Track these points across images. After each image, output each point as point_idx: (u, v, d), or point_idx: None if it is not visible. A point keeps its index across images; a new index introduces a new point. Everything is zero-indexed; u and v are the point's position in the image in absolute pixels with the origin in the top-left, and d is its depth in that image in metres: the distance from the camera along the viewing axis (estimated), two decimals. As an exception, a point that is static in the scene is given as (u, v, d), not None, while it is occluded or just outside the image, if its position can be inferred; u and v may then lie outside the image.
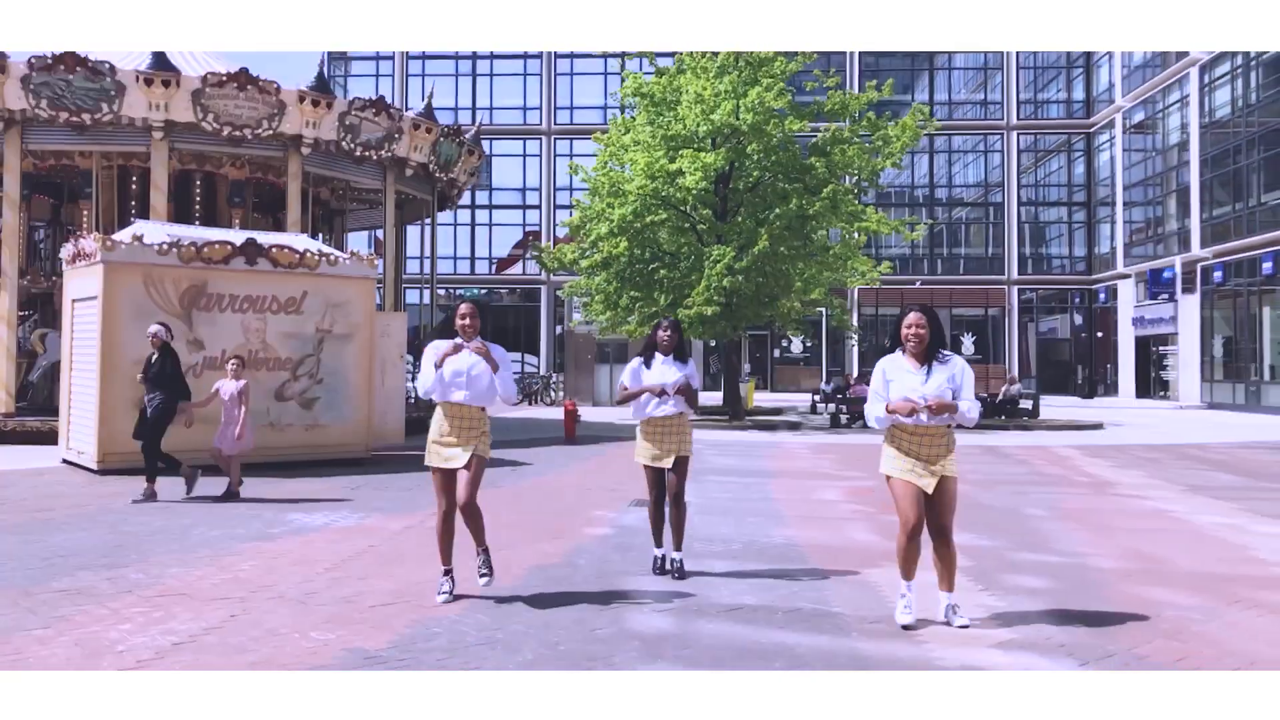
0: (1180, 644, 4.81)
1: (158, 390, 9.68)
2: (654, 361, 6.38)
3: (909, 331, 5.16)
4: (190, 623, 5.03)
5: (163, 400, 9.69)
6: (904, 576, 5.18)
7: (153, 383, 9.67)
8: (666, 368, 6.33)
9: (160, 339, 9.79)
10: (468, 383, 5.56)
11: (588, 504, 9.44)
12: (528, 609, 5.39)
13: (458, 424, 5.58)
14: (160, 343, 9.78)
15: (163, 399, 9.69)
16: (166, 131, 14.93)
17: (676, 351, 6.38)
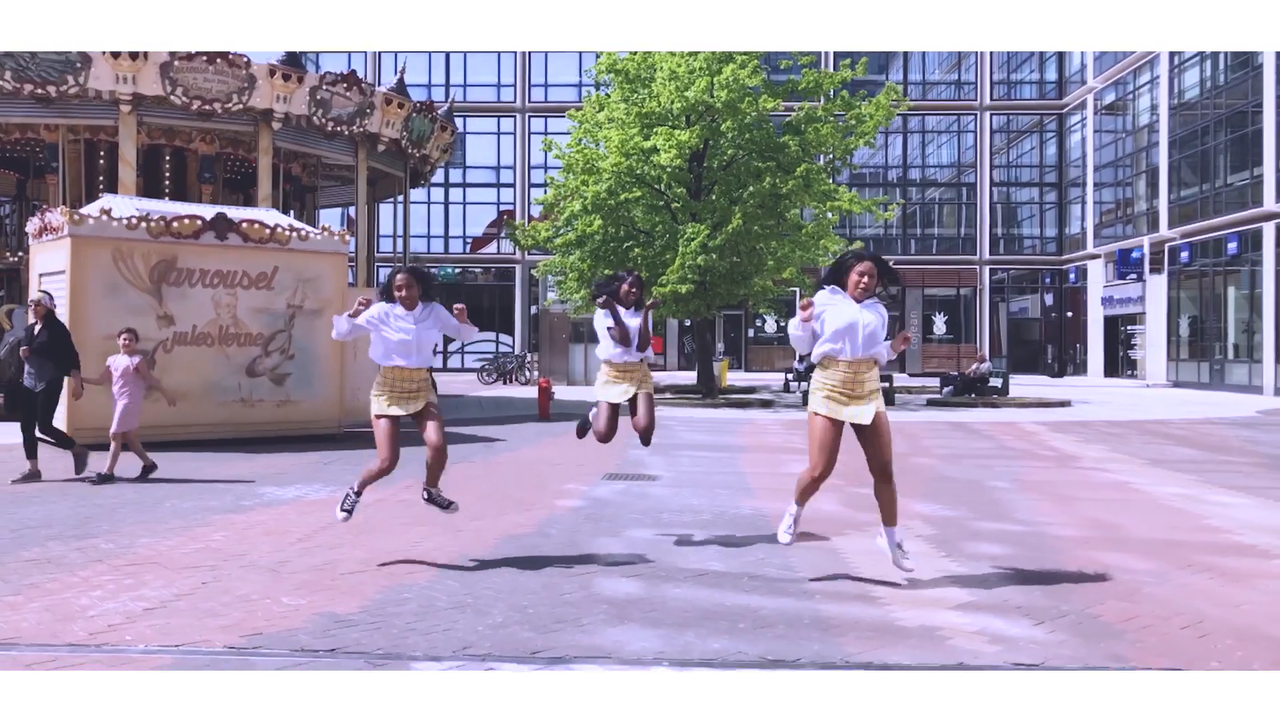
0: (1131, 604, 4.96)
1: (46, 361, 9.03)
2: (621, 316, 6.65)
3: (860, 279, 5.23)
4: (162, 589, 5.07)
5: (54, 372, 9.07)
6: (797, 501, 5.48)
7: (37, 354, 9.03)
8: (632, 320, 6.67)
9: (45, 306, 9.23)
10: (414, 347, 5.82)
11: (560, 477, 9.53)
12: (498, 575, 5.47)
13: (401, 385, 5.87)
14: (44, 311, 9.18)
15: (53, 371, 9.06)
16: (134, 105, 14.75)
17: (637, 304, 6.77)
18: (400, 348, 5.80)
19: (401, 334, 5.79)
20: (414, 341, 5.81)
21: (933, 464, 11.00)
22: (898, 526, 5.38)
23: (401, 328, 5.80)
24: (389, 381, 5.88)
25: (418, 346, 5.83)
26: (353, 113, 16.69)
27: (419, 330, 5.83)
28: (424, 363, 5.90)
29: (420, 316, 5.88)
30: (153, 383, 9.62)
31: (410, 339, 5.80)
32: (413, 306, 5.87)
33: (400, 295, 5.84)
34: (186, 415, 11.79)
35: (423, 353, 5.88)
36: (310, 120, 16.10)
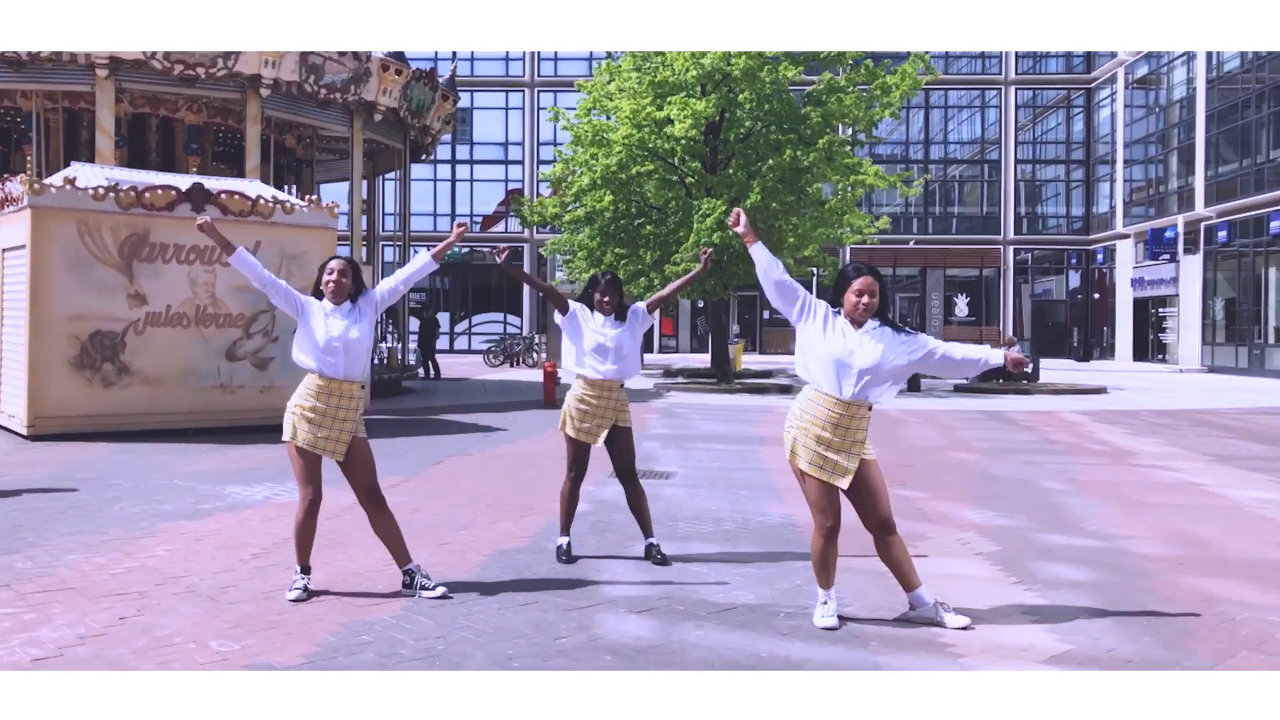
0: (1266, 655, 3.97)
1: None
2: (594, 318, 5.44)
3: (860, 300, 4.22)
4: (65, 629, 4.12)
5: None
6: (821, 585, 4.33)
7: None
8: (607, 329, 5.39)
9: None
10: (344, 351, 4.63)
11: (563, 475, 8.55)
12: (481, 608, 4.51)
13: (333, 402, 4.64)
14: None
15: None
16: (111, 69, 13.79)
17: (618, 313, 5.48)
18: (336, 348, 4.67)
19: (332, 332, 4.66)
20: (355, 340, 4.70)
21: (975, 460, 9.99)
22: (923, 586, 4.35)
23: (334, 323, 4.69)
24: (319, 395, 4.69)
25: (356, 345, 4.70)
26: (347, 80, 15.69)
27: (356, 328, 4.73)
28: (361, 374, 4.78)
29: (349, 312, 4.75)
30: None
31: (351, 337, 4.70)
32: (343, 301, 4.76)
33: (329, 281, 4.76)
34: (160, 402, 10.89)
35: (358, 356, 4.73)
36: (301, 87, 15.12)
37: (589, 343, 5.37)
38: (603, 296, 5.41)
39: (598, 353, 5.36)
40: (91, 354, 10.55)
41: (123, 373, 10.72)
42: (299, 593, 4.63)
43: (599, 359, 5.37)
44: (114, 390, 10.67)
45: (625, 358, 5.42)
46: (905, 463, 9.60)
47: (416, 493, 7.67)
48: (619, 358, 5.38)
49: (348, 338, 4.65)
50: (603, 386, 5.38)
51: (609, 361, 5.36)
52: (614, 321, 5.43)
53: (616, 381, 5.41)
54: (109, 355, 10.64)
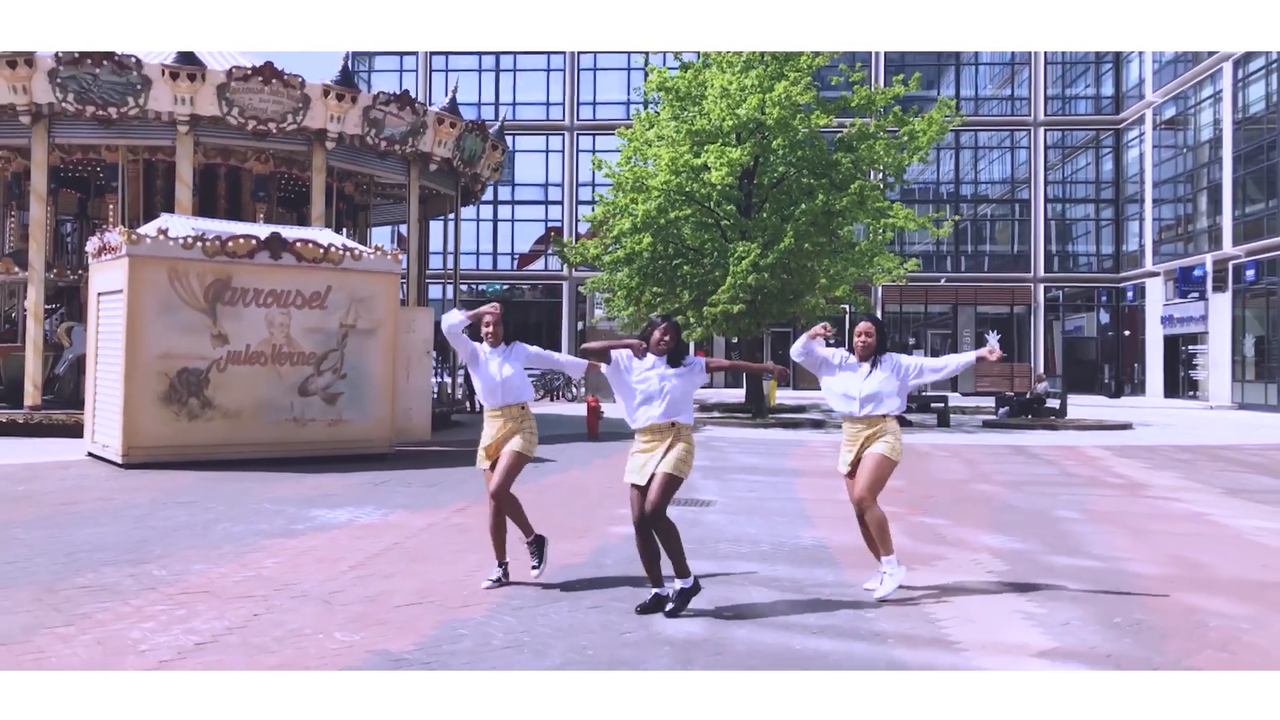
0: (1229, 655, 4.65)
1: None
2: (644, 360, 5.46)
3: (859, 340, 5.78)
4: (213, 621, 4.96)
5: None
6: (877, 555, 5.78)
7: None
8: (658, 371, 5.38)
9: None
10: (502, 386, 5.91)
11: (611, 501, 9.33)
12: (554, 610, 5.29)
13: (497, 429, 5.93)
14: None
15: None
16: (192, 125, 14.93)
17: (673, 357, 5.43)
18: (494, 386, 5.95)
19: (491, 370, 5.94)
20: (508, 377, 5.93)
21: (995, 491, 10.65)
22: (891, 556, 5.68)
23: (493, 364, 5.96)
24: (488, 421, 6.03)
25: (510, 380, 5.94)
26: (405, 132, 16.76)
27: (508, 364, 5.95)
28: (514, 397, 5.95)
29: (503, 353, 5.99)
30: None
31: (505, 375, 5.92)
32: (497, 343, 6.00)
33: (487, 331, 5.99)
34: (239, 434, 11.82)
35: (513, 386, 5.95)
36: (363, 140, 16.19)
37: (637, 388, 5.37)
38: (663, 336, 5.39)
39: (645, 401, 5.34)
40: (179, 390, 11.52)
41: (206, 407, 11.68)
42: (489, 583, 5.82)
43: (646, 406, 5.35)
44: (198, 423, 11.62)
45: (675, 402, 5.32)
46: (928, 493, 10.29)
47: (481, 515, 8.41)
48: (667, 401, 5.31)
49: (503, 374, 5.91)
50: (655, 432, 5.32)
51: (661, 407, 5.31)
52: (665, 364, 5.40)
53: (666, 423, 5.30)
54: (194, 391, 11.60)
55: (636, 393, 5.39)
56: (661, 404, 5.34)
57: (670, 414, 5.34)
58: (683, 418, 5.36)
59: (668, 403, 5.34)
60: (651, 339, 5.45)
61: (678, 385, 5.38)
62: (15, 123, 14.83)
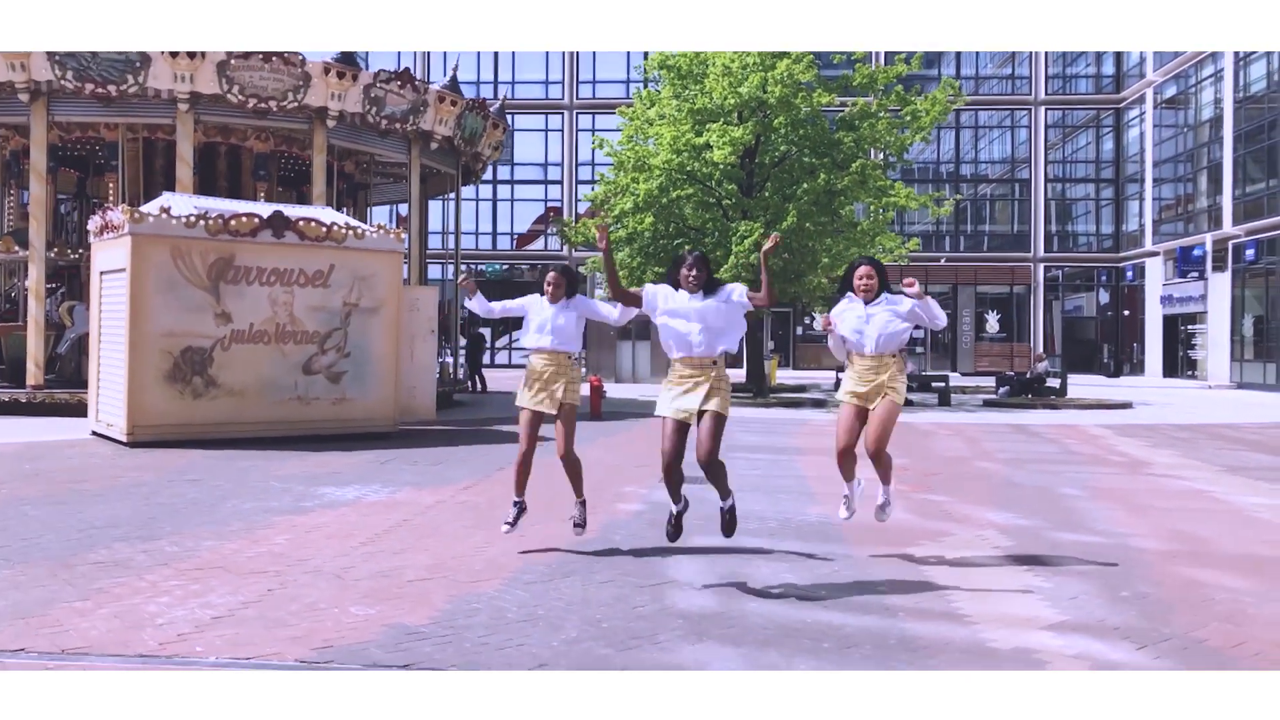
0: (1236, 627, 4.70)
1: None
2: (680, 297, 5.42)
3: (860, 283, 5.86)
4: (228, 596, 4.99)
5: None
6: (845, 479, 6.09)
7: None
8: (697, 302, 5.36)
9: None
10: (552, 330, 6.04)
11: (618, 480, 9.38)
12: (567, 585, 5.33)
13: (542, 369, 6.07)
14: None
15: None
16: (192, 104, 14.87)
17: (707, 288, 5.40)
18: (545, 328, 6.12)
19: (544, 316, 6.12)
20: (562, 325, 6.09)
21: (998, 469, 10.70)
22: (890, 486, 6.09)
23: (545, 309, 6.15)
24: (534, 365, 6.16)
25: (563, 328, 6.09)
26: (406, 110, 16.70)
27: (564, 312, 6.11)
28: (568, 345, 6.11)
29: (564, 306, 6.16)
30: None
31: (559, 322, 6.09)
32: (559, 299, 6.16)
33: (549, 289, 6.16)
34: (243, 412, 11.84)
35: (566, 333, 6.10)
36: (364, 118, 16.13)
37: (676, 319, 5.34)
38: (689, 271, 5.34)
39: (684, 330, 5.31)
40: (183, 368, 11.53)
41: (210, 385, 11.70)
42: (506, 527, 6.16)
43: (686, 334, 5.31)
44: (202, 401, 11.64)
45: (717, 330, 5.28)
46: (931, 471, 10.34)
47: (488, 493, 8.52)
48: (708, 328, 5.26)
49: (556, 322, 6.06)
50: (694, 365, 5.30)
51: (699, 334, 5.27)
52: (702, 296, 5.35)
53: (709, 357, 5.29)
54: (198, 369, 11.62)
55: (673, 325, 5.38)
56: (701, 335, 5.31)
57: (711, 347, 5.31)
58: (722, 350, 5.36)
59: (708, 334, 5.30)
60: (680, 276, 5.41)
61: (716, 314, 5.33)
62: (14, 100, 14.76)
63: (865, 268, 5.93)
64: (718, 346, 5.34)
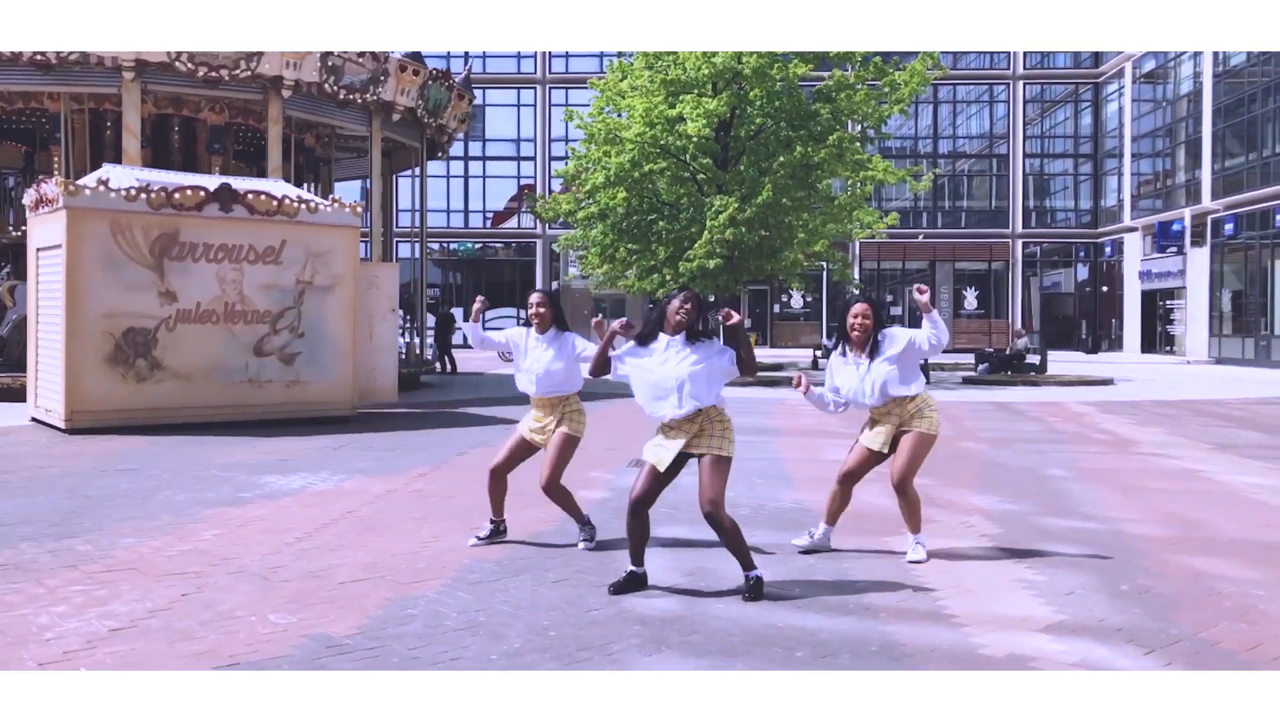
0: (1249, 626, 4.27)
1: None
2: (655, 344, 4.65)
3: (854, 322, 5.35)
4: (134, 603, 4.46)
5: None
6: (825, 514, 5.59)
7: None
8: (674, 353, 4.59)
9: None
10: (538, 380, 5.60)
11: (582, 464, 8.81)
12: (516, 585, 4.84)
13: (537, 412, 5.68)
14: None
15: None
16: (138, 72, 14.13)
17: (690, 332, 4.62)
18: (534, 377, 5.65)
19: (532, 363, 5.64)
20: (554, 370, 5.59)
21: (981, 449, 10.29)
22: (921, 535, 5.49)
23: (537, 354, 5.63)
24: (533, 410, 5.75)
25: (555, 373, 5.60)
26: (366, 80, 16.02)
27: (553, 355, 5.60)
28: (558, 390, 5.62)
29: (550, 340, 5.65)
30: None
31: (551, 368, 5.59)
32: (546, 327, 5.65)
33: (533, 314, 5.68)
34: (191, 396, 11.25)
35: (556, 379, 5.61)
36: (321, 88, 15.45)
37: (649, 385, 4.62)
38: (681, 306, 4.60)
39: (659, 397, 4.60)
40: (125, 350, 10.91)
41: (155, 368, 11.08)
42: (476, 540, 5.67)
43: (661, 402, 4.60)
44: (147, 385, 11.03)
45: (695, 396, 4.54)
46: (913, 452, 9.90)
47: (443, 481, 8.00)
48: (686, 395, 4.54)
49: (550, 367, 5.55)
50: (677, 427, 4.62)
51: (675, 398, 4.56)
52: (683, 343, 4.59)
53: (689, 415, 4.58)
54: (142, 351, 11.00)
55: (648, 384, 4.62)
56: (679, 395, 4.53)
57: (692, 404, 4.54)
58: (706, 403, 4.56)
59: (688, 392, 4.52)
60: (668, 311, 4.61)
61: (699, 369, 4.54)
62: (-53, 68, 13.99)
63: (860, 306, 5.40)
64: (699, 405, 4.56)
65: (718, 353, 4.62)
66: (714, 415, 4.63)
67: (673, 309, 4.61)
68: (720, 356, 4.61)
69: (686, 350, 4.58)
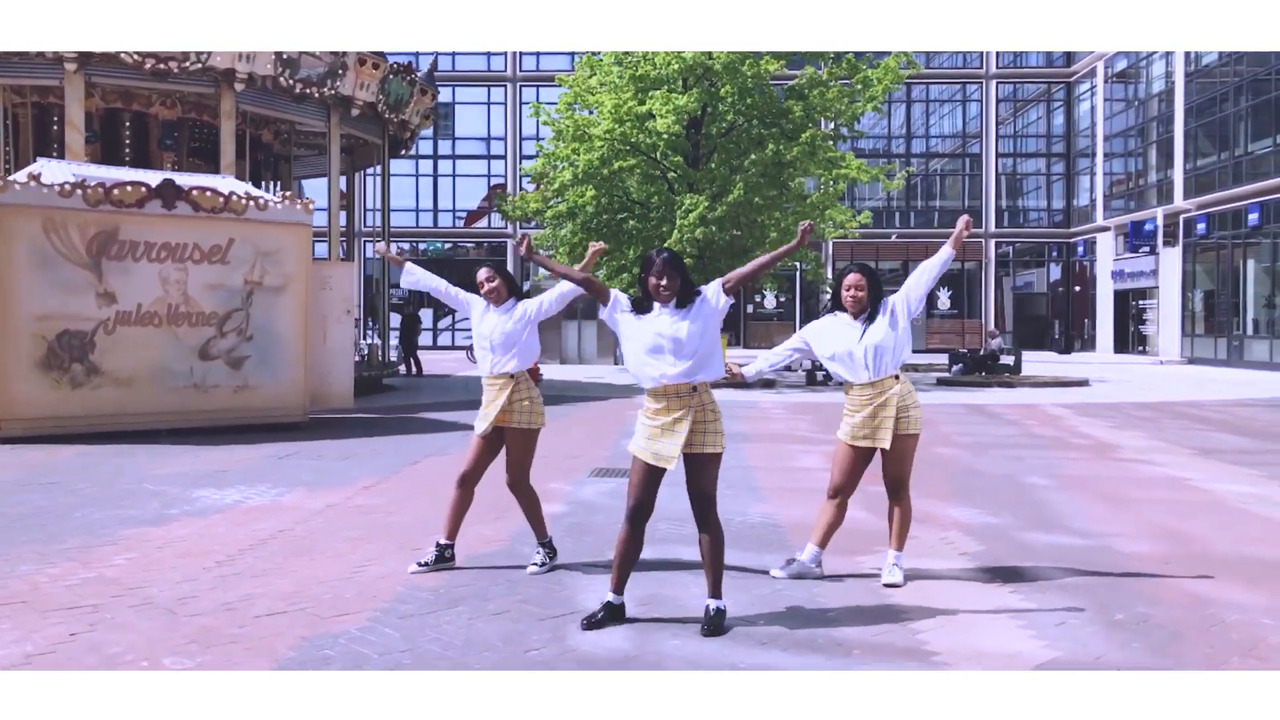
0: (1260, 661, 3.87)
1: None
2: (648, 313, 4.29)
3: (848, 295, 4.94)
4: (11, 646, 3.94)
5: None
6: (816, 535, 5.07)
7: None
8: (666, 318, 4.23)
9: None
10: (494, 347, 5.18)
11: (542, 474, 8.30)
12: (451, 617, 4.36)
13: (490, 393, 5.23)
14: None
15: None
16: (80, 64, 13.51)
17: (682, 297, 4.26)
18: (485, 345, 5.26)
19: (484, 329, 5.24)
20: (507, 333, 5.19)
21: (957, 455, 9.90)
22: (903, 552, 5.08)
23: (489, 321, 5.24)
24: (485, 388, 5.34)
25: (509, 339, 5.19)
26: (323, 74, 15.45)
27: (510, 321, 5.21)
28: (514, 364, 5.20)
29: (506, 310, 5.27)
30: None
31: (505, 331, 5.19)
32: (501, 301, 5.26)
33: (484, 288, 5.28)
34: (132, 403, 10.67)
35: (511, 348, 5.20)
36: (276, 81, 14.86)
37: (642, 342, 4.24)
38: (658, 280, 4.21)
39: (655, 353, 4.20)
40: (59, 354, 10.32)
41: (92, 373, 10.50)
42: (417, 567, 5.14)
43: (657, 359, 4.21)
44: (83, 391, 10.44)
45: (695, 354, 4.18)
46: (888, 459, 9.49)
47: (391, 494, 7.50)
48: (685, 353, 4.17)
49: (505, 333, 5.14)
50: (671, 396, 4.19)
51: (672, 358, 4.18)
52: (674, 310, 4.25)
53: (687, 384, 4.19)
54: (78, 355, 10.41)
55: (640, 342, 4.23)
56: (675, 357, 4.16)
57: (690, 371, 4.17)
58: (705, 374, 4.22)
59: (683, 355, 4.16)
60: (649, 285, 4.24)
61: (694, 331, 4.17)
62: (-122, 58, 13.29)
63: (854, 276, 4.95)
64: (698, 375, 4.19)
65: (707, 304, 4.26)
66: (711, 402, 4.28)
67: (653, 287, 4.24)
68: (710, 308, 4.27)
69: (679, 313, 4.24)
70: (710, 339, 4.24)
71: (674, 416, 4.18)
